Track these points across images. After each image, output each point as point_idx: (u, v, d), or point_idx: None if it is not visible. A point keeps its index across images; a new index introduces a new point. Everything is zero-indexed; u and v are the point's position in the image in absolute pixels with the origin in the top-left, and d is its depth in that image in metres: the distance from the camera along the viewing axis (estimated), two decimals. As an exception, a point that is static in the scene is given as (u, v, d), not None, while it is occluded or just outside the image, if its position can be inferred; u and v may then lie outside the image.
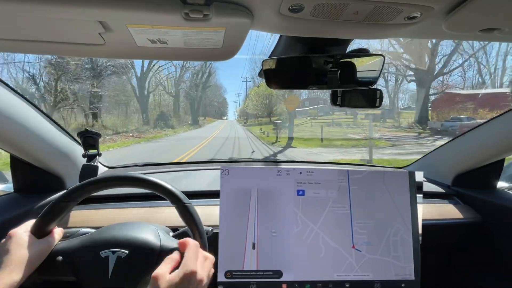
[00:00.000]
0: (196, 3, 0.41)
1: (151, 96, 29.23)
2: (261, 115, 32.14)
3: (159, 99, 31.91)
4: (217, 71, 48.33)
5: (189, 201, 0.57)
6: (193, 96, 38.29)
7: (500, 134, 0.87)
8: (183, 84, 36.68)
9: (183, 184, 1.00)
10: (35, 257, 0.49)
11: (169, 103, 33.63)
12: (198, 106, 41.89)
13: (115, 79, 20.97)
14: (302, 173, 0.71)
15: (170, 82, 34.27)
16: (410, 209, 0.72)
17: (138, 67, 26.79)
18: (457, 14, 0.43)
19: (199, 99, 40.69)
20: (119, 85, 22.34)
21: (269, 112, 28.13)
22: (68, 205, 0.53)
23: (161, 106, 30.88)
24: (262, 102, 26.98)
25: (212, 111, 64.32)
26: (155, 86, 30.23)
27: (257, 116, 35.65)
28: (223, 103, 74.39)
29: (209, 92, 49.57)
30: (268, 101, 26.82)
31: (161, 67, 29.73)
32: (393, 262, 0.69)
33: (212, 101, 60.74)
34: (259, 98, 26.87)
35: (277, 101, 24.98)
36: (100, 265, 0.51)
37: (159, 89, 31.64)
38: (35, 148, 0.77)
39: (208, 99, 53.50)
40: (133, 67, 25.21)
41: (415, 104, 21.35)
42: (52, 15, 0.41)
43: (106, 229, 0.57)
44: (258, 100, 27.03)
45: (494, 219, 0.92)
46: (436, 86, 20.97)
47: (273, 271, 0.66)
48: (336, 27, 0.50)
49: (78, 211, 0.84)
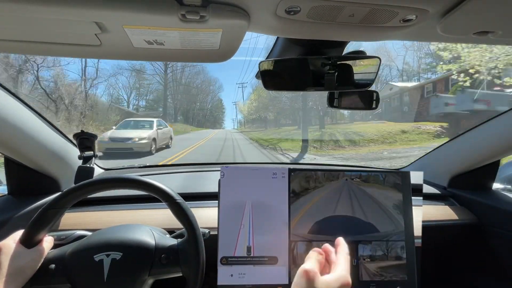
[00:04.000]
0: (193, 5, 0.41)
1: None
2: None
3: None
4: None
5: (180, 198, 0.56)
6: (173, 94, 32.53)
7: (496, 135, 0.88)
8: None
9: (180, 186, 0.99)
10: (27, 268, 0.48)
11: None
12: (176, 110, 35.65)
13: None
14: (298, 176, 0.70)
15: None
16: (404, 210, 0.72)
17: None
18: (452, 17, 0.44)
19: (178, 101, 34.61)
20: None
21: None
22: (58, 212, 0.52)
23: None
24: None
25: (201, 118, 50.70)
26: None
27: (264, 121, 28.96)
28: (217, 106, 58.10)
29: (194, 91, 41.00)
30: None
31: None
32: (389, 263, 0.69)
33: (202, 106, 48.80)
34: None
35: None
36: (95, 269, 0.51)
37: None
38: (30, 150, 0.76)
39: (192, 101, 43.29)
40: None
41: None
42: (48, 16, 0.41)
43: (99, 233, 0.57)
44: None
45: (490, 221, 0.92)
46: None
47: (268, 257, 0.66)
48: (332, 29, 0.50)
49: (73, 214, 0.83)
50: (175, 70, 36.16)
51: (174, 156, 8.89)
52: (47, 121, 0.82)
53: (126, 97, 35.44)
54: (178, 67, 35.67)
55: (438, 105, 13.45)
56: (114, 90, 33.19)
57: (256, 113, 30.19)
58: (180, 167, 1.33)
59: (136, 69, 34.20)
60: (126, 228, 0.57)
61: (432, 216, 0.93)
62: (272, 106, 25.11)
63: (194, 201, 0.89)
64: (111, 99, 31.50)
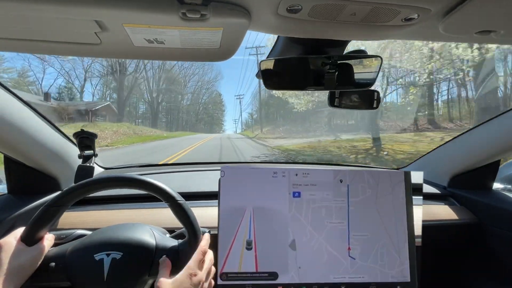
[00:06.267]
0: (194, 3, 0.40)
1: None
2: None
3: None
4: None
5: (182, 199, 0.56)
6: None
7: (496, 135, 0.88)
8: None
9: (180, 185, 0.99)
10: (28, 266, 0.48)
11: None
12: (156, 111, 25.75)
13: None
14: (298, 175, 0.70)
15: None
16: (405, 210, 0.72)
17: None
18: (454, 16, 0.44)
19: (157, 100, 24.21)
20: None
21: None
22: (59, 209, 0.52)
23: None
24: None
25: (193, 120, 37.23)
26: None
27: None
28: (216, 103, 42.15)
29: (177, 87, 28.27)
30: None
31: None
32: (387, 264, 0.69)
33: (195, 107, 33.91)
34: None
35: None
36: (95, 268, 0.51)
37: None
38: (30, 149, 0.76)
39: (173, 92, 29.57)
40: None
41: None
42: (48, 14, 0.41)
43: (99, 232, 0.57)
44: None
45: (490, 220, 0.92)
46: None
47: (269, 273, 0.66)
48: (333, 28, 0.50)
49: (73, 213, 0.83)
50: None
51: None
52: (47, 120, 0.81)
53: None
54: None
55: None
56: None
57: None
58: (180, 166, 1.33)
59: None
60: (126, 227, 0.57)
61: (432, 215, 0.93)
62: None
63: (194, 200, 0.89)
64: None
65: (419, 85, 10.42)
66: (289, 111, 19.09)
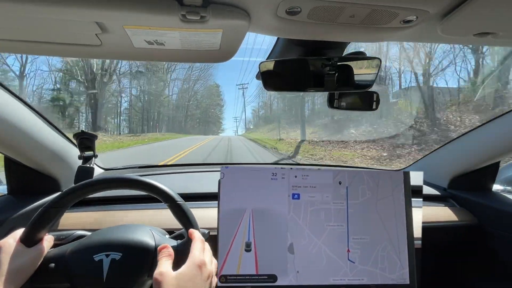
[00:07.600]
0: (193, 5, 0.41)
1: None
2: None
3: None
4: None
5: (181, 199, 0.56)
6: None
7: (496, 137, 0.88)
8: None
9: (180, 186, 0.99)
10: (27, 267, 0.48)
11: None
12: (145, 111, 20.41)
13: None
14: (297, 177, 0.70)
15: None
16: (405, 211, 0.72)
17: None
18: (452, 18, 0.44)
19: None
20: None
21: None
22: (59, 211, 0.52)
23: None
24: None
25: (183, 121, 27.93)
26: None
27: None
28: (213, 96, 31.64)
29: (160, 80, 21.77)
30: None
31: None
32: (388, 268, 0.69)
33: (183, 102, 26.14)
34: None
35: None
36: (94, 269, 0.51)
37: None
38: (30, 149, 0.76)
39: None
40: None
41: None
42: (49, 16, 0.41)
43: (99, 232, 0.57)
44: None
45: (490, 222, 0.92)
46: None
47: (268, 275, 0.66)
48: (332, 30, 0.50)
49: (73, 214, 0.83)
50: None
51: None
52: (47, 120, 0.82)
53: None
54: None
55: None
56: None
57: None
58: (180, 167, 1.33)
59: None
60: (126, 228, 0.57)
61: (432, 217, 0.93)
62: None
63: (194, 201, 0.89)
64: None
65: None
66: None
